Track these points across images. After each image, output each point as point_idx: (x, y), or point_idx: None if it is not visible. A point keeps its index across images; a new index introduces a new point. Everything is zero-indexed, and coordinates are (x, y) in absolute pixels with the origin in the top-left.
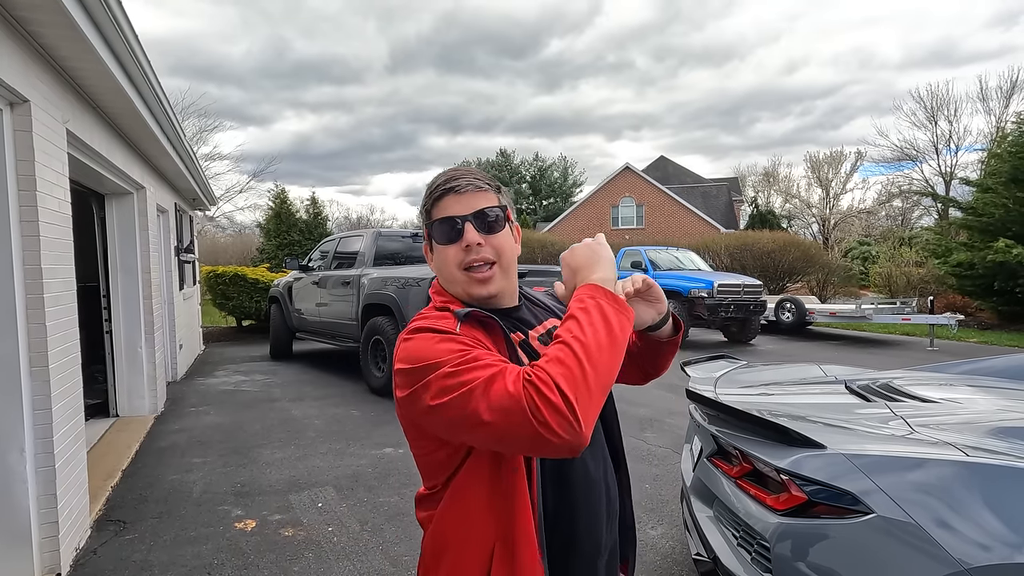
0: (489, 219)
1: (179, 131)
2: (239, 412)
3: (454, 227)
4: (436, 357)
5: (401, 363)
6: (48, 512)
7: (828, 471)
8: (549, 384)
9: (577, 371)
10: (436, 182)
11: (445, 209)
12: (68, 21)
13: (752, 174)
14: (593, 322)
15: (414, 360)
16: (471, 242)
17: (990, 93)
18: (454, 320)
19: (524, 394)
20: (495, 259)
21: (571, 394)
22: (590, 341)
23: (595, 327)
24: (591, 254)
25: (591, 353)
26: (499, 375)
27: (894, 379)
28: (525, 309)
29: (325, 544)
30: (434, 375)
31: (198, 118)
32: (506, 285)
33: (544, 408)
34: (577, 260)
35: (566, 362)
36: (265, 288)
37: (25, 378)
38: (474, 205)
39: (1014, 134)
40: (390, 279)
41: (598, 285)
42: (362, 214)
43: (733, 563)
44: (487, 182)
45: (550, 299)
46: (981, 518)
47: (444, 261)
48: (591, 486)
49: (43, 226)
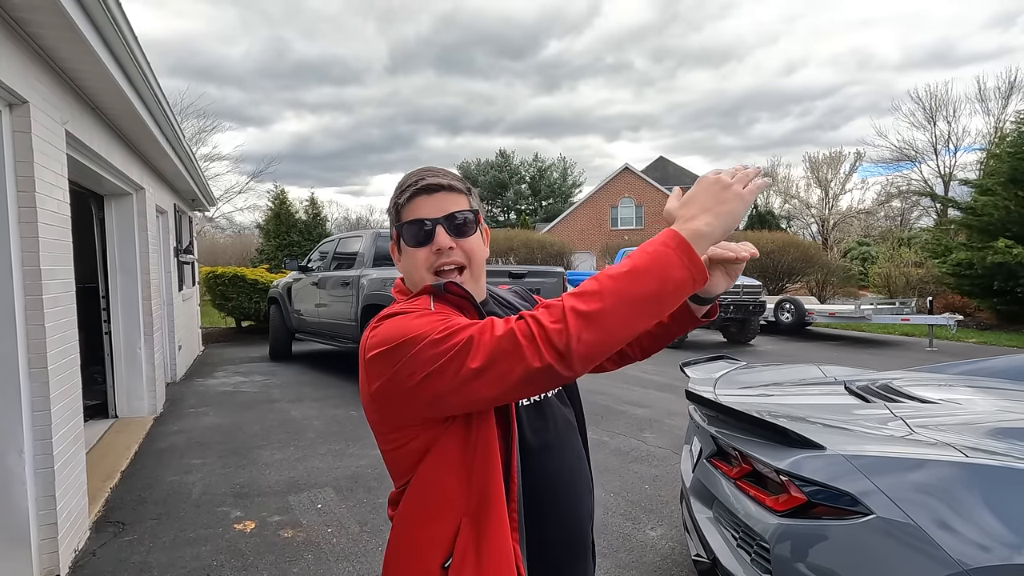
0: (459, 222)
1: (178, 132)
2: (238, 413)
3: (424, 229)
4: (418, 330)
5: (376, 348)
6: (47, 513)
7: (827, 472)
8: (556, 309)
9: (595, 307)
10: (407, 182)
11: (415, 210)
12: (67, 22)
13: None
14: (648, 271)
15: (392, 339)
16: (442, 246)
17: (988, 93)
18: (427, 299)
19: (516, 327)
20: (465, 263)
21: (574, 326)
22: (629, 290)
23: (646, 279)
24: (708, 197)
25: (623, 299)
26: (487, 327)
27: (893, 380)
28: (492, 304)
29: (325, 545)
30: (419, 347)
31: (197, 119)
32: (475, 288)
33: (536, 332)
34: (691, 193)
35: (586, 295)
36: (264, 289)
37: (24, 379)
38: (445, 208)
39: (1013, 134)
40: (389, 280)
41: (683, 236)
42: (361, 215)
43: (733, 564)
44: (458, 183)
45: (515, 297)
46: (980, 519)
47: (413, 264)
48: (572, 474)
49: (42, 227)
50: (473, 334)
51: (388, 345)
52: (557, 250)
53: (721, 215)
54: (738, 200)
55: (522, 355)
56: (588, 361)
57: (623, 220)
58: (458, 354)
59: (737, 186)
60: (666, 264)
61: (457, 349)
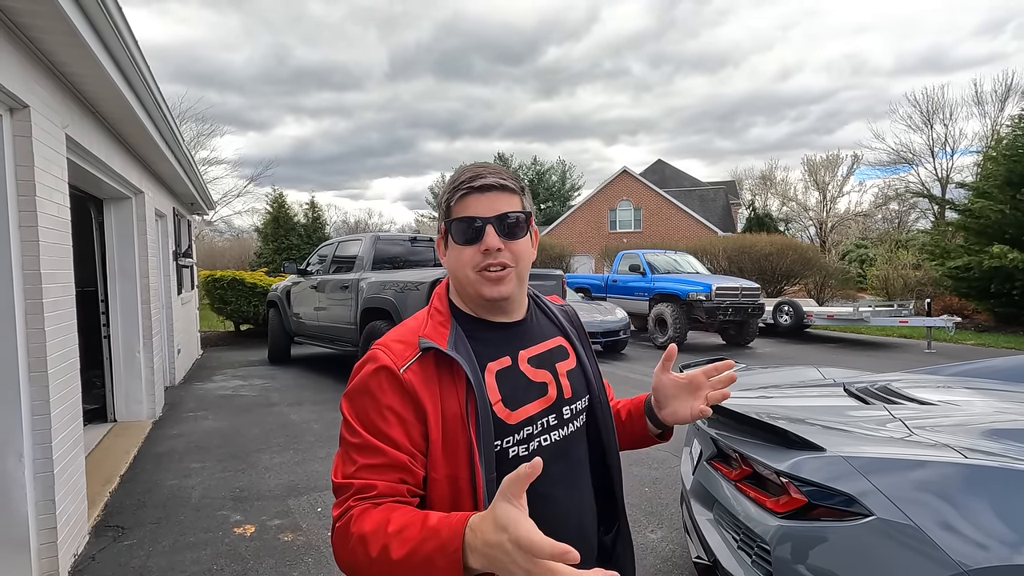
0: (511, 223)
1: (178, 136)
2: (237, 417)
3: (474, 227)
4: (347, 411)
5: (347, 390)
6: (46, 518)
7: (827, 473)
8: (346, 544)
9: (367, 569)
10: (460, 178)
11: (466, 208)
12: (68, 27)
13: (749, 177)
14: (414, 573)
15: (348, 386)
16: (490, 246)
17: (985, 97)
18: (412, 351)
19: (332, 529)
20: (512, 264)
21: (350, 563)
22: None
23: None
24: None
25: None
26: (341, 489)
27: (892, 381)
28: (531, 322)
29: (324, 549)
30: (342, 423)
31: (196, 123)
32: (519, 292)
33: (335, 551)
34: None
35: (369, 554)
36: (263, 292)
37: (24, 383)
38: (497, 207)
39: (1009, 137)
40: (388, 283)
41: (460, 563)
42: (360, 218)
43: (733, 566)
44: (512, 183)
45: (563, 315)
46: (980, 520)
47: (459, 261)
48: (556, 514)
49: (42, 231)
50: (349, 492)
51: (344, 396)
52: (556, 253)
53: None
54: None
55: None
56: None
57: (621, 223)
58: (337, 488)
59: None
60: (432, 572)
61: (337, 485)
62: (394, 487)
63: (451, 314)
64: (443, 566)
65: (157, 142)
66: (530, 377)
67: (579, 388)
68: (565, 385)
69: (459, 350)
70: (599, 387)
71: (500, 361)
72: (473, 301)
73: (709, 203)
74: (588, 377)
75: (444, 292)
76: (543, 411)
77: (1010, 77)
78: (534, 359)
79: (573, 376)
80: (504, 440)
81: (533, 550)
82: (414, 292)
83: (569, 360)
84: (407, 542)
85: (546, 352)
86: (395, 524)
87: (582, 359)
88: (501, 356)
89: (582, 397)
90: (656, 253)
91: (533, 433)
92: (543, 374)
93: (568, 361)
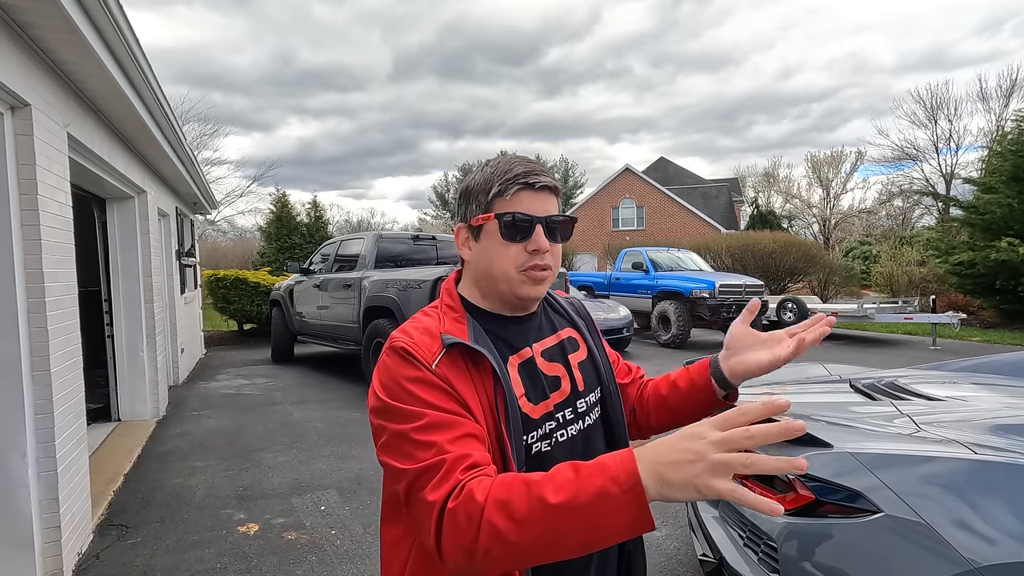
0: (558, 226)
1: (180, 135)
2: (241, 416)
3: (527, 226)
4: (395, 404)
5: (373, 387)
6: (50, 517)
7: (835, 470)
8: (474, 519)
9: (513, 537)
10: (512, 171)
11: (519, 204)
12: (69, 25)
13: (752, 175)
14: (585, 513)
15: (378, 392)
16: (541, 247)
17: (990, 92)
18: (439, 345)
19: (438, 515)
20: (553, 267)
21: (486, 545)
22: (557, 527)
23: (580, 522)
24: (682, 454)
25: (546, 536)
26: (431, 470)
27: (899, 377)
28: (541, 315)
29: (328, 547)
30: (392, 432)
31: (200, 123)
32: (543, 293)
33: (448, 541)
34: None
35: (510, 517)
36: (266, 292)
37: (27, 382)
38: (547, 208)
39: (1014, 132)
40: (391, 281)
41: (642, 483)
42: (363, 217)
43: (739, 563)
44: (558, 186)
45: (570, 306)
46: (990, 516)
47: (500, 257)
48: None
49: (44, 230)
50: (416, 473)
51: (374, 400)
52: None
53: (691, 465)
54: (712, 451)
55: (428, 534)
56: (488, 574)
57: (624, 221)
58: (401, 473)
59: (707, 440)
60: (609, 511)
61: (401, 468)
62: (487, 456)
63: (464, 310)
64: (619, 496)
65: (159, 141)
66: (544, 371)
67: (591, 380)
68: (578, 377)
69: (481, 345)
70: (609, 378)
71: (520, 354)
72: (501, 298)
73: (712, 201)
74: (599, 368)
75: (453, 287)
76: (559, 405)
77: (1015, 73)
78: (546, 352)
79: (584, 368)
80: (529, 435)
81: (748, 414)
82: (417, 290)
83: (580, 351)
84: (565, 485)
85: (558, 344)
86: (536, 476)
87: (592, 350)
88: (521, 348)
89: (594, 389)
90: (659, 250)
91: (554, 428)
92: (556, 367)
93: (579, 352)
